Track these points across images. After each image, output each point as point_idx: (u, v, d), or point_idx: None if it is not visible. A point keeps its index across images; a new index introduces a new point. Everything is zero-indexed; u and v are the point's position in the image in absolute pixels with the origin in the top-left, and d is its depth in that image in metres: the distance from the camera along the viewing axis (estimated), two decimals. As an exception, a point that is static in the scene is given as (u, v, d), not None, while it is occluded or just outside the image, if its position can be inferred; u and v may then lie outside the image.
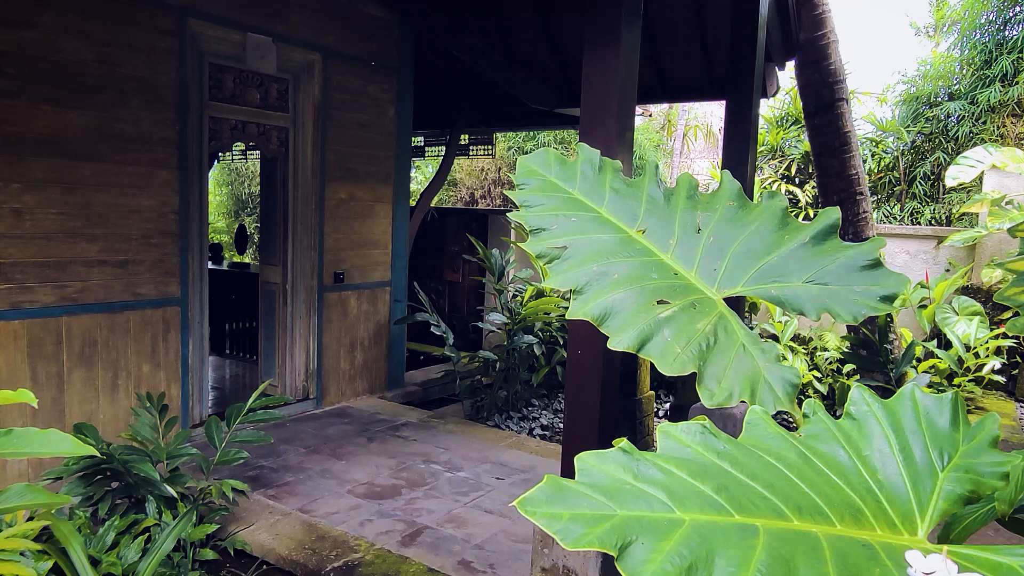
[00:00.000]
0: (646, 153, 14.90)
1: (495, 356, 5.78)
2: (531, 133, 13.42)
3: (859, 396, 0.97)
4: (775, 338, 6.67)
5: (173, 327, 4.65)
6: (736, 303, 4.41)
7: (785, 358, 6.28)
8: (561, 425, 5.75)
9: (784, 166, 10.18)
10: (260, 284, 5.83)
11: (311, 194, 5.49)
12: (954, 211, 9.25)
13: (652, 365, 1.03)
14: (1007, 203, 6.72)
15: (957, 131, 9.66)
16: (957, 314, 6.59)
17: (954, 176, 7.50)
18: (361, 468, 4.47)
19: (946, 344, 6.71)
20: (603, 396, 2.89)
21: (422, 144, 9.60)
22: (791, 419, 5.61)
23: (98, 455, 2.73)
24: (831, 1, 5.70)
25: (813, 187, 9.49)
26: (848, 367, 6.25)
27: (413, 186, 11.80)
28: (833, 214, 1.17)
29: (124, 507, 3.14)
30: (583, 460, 0.76)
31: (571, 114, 7.46)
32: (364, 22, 5.72)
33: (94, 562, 2.63)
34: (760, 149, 10.26)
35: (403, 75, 6.07)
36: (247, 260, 11.56)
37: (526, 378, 6.05)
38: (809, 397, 3.85)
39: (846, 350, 6.15)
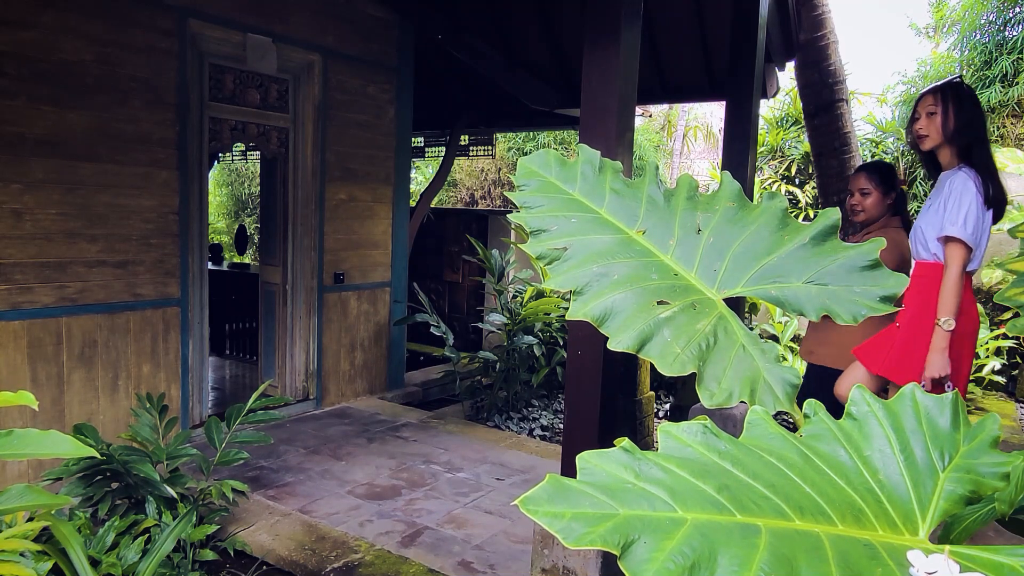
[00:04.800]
0: (646, 154, 14.89)
1: (495, 357, 5.78)
2: (531, 134, 13.42)
3: (860, 396, 0.97)
4: (775, 338, 6.67)
5: (173, 327, 4.65)
6: (736, 304, 4.41)
7: (785, 358, 6.28)
8: (561, 426, 5.75)
9: (784, 166, 10.18)
10: (260, 284, 5.83)
11: (311, 194, 5.49)
12: (954, 212, 9.22)
13: (652, 365, 1.03)
14: (1007, 203, 6.70)
15: (957, 132, 9.63)
16: (957, 314, 6.56)
17: (954, 176, 7.49)
18: (361, 469, 4.47)
19: (946, 344, 6.69)
20: (603, 396, 2.89)
21: (422, 144, 9.60)
22: (791, 420, 5.61)
23: (98, 456, 2.72)
24: (831, 1, 5.71)
25: (813, 187, 9.49)
26: (848, 367, 6.23)
27: (413, 187, 11.80)
28: (833, 214, 1.17)
29: (124, 508, 3.14)
30: (585, 459, 0.76)
31: (571, 114, 7.46)
32: (364, 22, 5.72)
33: (94, 563, 2.63)
34: (760, 150, 10.27)
35: (403, 75, 6.07)
36: (247, 260, 11.56)
37: (526, 378, 6.05)
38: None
39: (846, 350, 6.13)
